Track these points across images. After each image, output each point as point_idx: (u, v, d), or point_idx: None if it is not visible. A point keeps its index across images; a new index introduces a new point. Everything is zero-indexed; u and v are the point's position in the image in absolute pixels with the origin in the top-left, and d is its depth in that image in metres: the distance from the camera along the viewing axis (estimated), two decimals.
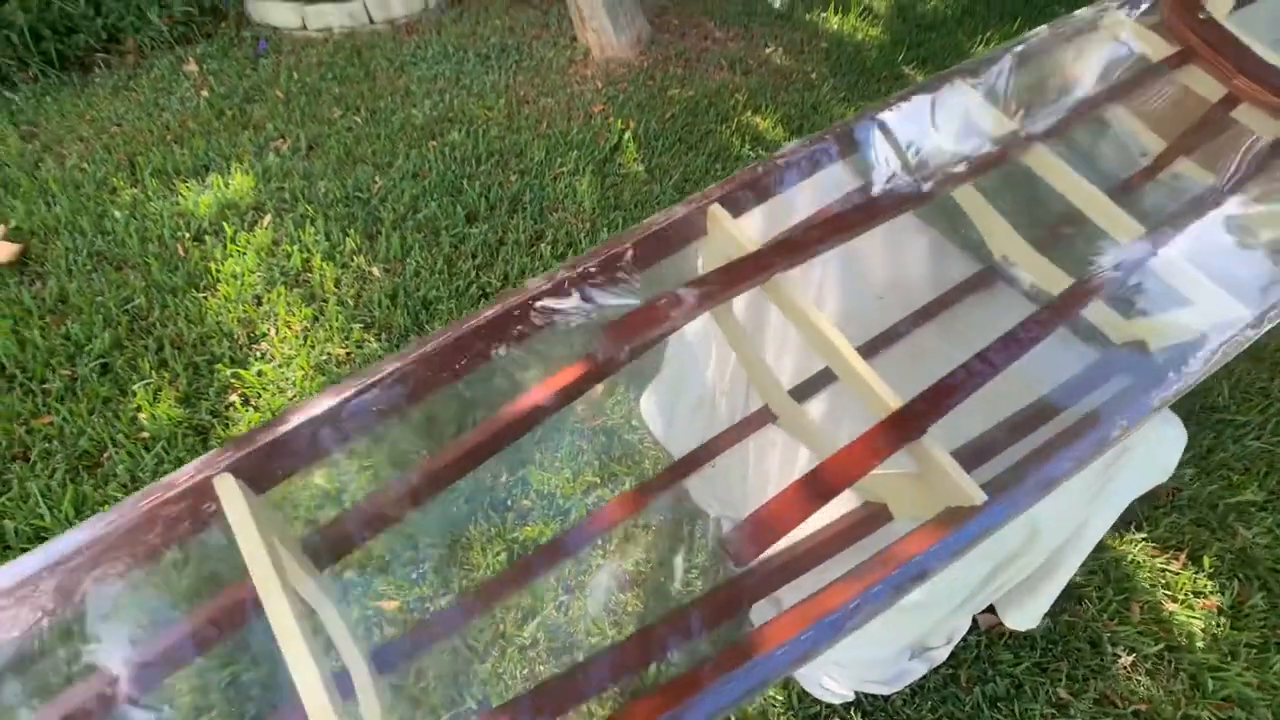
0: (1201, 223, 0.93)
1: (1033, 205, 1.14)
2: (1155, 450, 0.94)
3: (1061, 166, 0.94)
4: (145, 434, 1.81)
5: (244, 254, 2.30)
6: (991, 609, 1.41)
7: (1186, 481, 1.85)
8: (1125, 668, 1.52)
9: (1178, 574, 1.68)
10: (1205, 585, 1.67)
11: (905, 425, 0.62)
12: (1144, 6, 1.22)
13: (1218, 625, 1.60)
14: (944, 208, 1.16)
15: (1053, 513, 1.01)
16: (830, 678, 1.41)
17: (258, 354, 2.04)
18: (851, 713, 1.43)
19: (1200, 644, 1.57)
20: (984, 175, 1.00)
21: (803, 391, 1.11)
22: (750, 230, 1.25)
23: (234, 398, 1.92)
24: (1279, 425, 1.99)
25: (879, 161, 1.07)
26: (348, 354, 2.06)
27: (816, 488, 0.56)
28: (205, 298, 2.16)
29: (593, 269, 0.68)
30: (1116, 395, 0.74)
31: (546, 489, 1.74)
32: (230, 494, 0.50)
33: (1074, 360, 0.99)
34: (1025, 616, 1.26)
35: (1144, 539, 1.74)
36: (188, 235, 2.34)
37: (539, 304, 0.63)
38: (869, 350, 1.04)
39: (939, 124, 1.05)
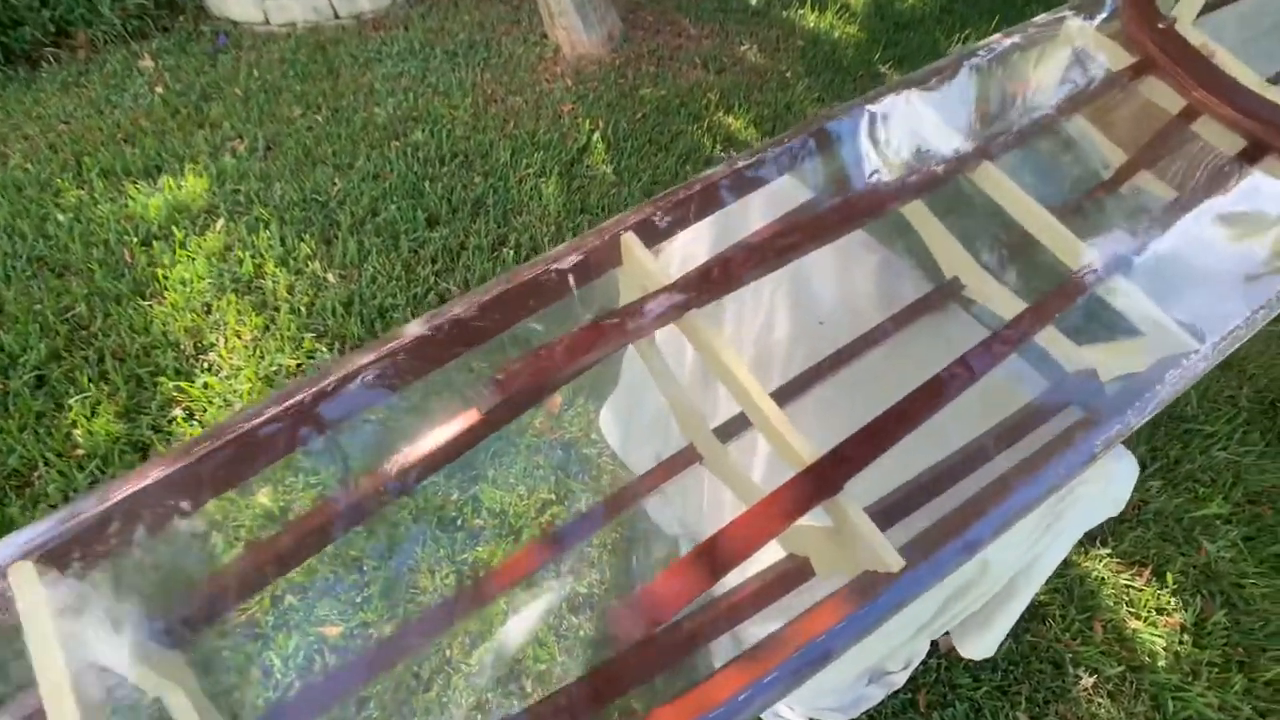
0: (1155, 247, 0.89)
1: (988, 220, 1.09)
2: (1107, 486, 0.90)
3: (1010, 186, 0.89)
4: (80, 451, 1.73)
5: (194, 260, 2.21)
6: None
7: (1153, 494, 1.83)
8: (1087, 689, 1.50)
9: (1141, 590, 1.66)
10: (1168, 602, 1.64)
11: (820, 480, 0.57)
12: (1103, 15, 1.18)
13: (1180, 643, 1.58)
14: (896, 224, 1.11)
15: (1003, 547, 0.97)
16: (784, 704, 1.37)
17: (204, 365, 1.96)
18: None
19: (1162, 663, 1.54)
20: (931, 193, 0.95)
21: (743, 424, 1.06)
22: (701, 243, 1.20)
23: (177, 412, 1.84)
24: (1245, 435, 1.98)
25: (821, 178, 1.02)
26: (298, 365, 1.99)
27: (714, 559, 0.51)
28: (151, 306, 2.08)
29: (486, 307, 0.62)
30: (1052, 441, 0.70)
31: (499, 507, 1.69)
32: (26, 584, 0.44)
33: (1026, 388, 0.94)
34: (980, 647, 1.22)
35: (1108, 554, 1.71)
36: (135, 240, 2.25)
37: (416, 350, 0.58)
38: (812, 377, 0.99)
39: (885, 138, 1.00)
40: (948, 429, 0.87)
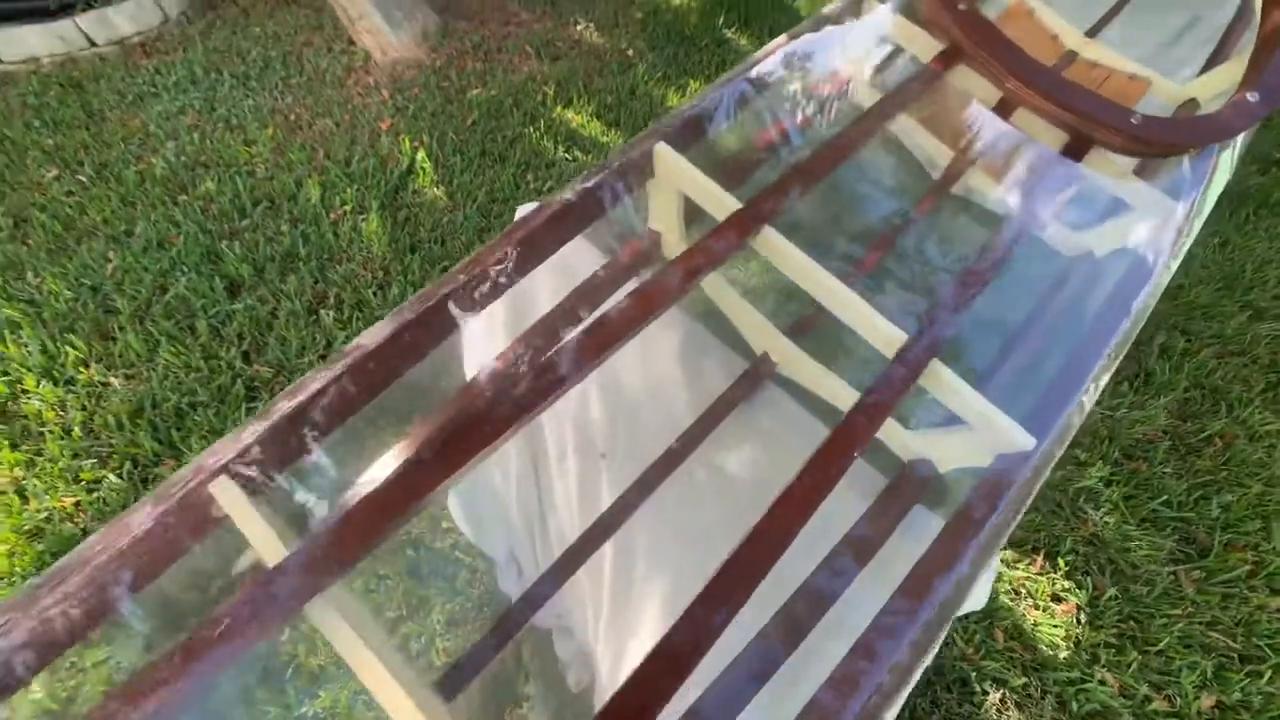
0: (980, 306, 0.73)
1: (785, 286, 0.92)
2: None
3: (799, 260, 0.71)
4: None
5: None
6: None
7: None
8: (995, 704, 1.43)
9: (1038, 579, 1.61)
10: (1063, 586, 1.60)
11: None
12: None
13: (1078, 627, 1.55)
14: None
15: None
16: None
17: None
18: None
19: (1064, 655, 1.50)
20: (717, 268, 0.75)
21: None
22: (496, 329, 0.97)
23: None
24: (1116, 386, 1.97)
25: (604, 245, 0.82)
26: (77, 503, 1.64)
27: None
28: None
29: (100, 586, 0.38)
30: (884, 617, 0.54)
31: None
32: None
33: (856, 486, 0.79)
34: None
35: (1002, 546, 1.65)
36: None
37: None
38: (618, 513, 0.80)
39: (653, 207, 0.79)
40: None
